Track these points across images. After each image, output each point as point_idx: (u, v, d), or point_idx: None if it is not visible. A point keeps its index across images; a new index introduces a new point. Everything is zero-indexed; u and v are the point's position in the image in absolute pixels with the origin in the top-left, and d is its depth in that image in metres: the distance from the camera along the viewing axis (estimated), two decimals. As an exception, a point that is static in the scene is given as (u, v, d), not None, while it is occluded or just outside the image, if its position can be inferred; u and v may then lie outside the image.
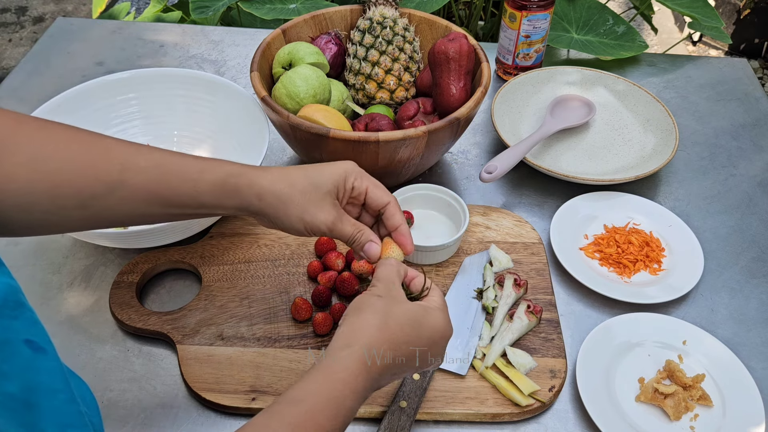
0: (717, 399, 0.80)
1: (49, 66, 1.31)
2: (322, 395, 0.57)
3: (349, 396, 0.58)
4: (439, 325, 0.65)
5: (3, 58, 2.89)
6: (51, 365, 0.50)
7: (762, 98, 1.29)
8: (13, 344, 0.47)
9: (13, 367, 0.46)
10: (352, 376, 0.59)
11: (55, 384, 0.50)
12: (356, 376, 0.59)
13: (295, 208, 0.68)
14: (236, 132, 1.03)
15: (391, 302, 0.64)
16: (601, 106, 1.17)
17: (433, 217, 0.98)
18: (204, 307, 0.87)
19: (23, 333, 0.48)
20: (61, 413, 0.50)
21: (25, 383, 0.47)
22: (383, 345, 0.61)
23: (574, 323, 0.90)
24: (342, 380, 0.58)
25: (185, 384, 0.80)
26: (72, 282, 0.92)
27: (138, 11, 3.04)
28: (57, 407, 0.49)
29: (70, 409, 0.51)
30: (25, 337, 0.48)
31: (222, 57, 1.34)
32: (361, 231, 0.70)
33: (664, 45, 2.91)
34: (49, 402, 0.49)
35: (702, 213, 1.06)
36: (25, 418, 0.46)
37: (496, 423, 0.78)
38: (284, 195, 0.67)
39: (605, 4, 1.43)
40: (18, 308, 0.49)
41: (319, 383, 0.58)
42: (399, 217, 0.72)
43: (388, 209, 0.72)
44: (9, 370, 0.46)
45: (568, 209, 1.02)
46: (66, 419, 0.50)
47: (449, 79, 1.00)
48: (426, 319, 0.65)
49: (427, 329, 0.64)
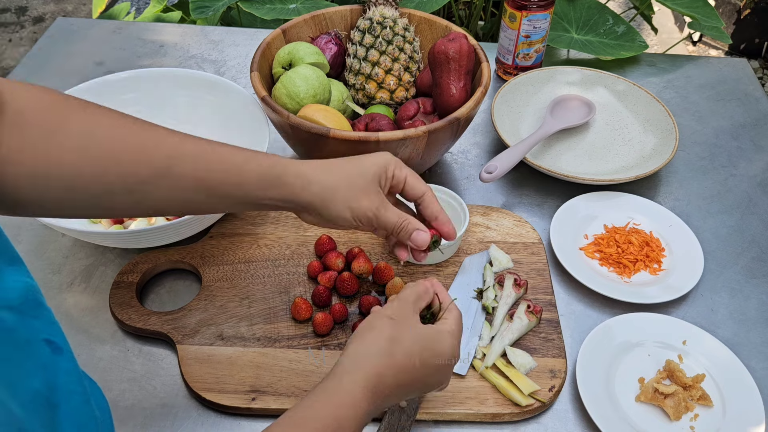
0: (717, 399, 0.80)
1: (49, 66, 1.31)
2: (323, 421, 0.57)
3: (352, 420, 0.58)
4: (446, 351, 0.65)
5: (3, 58, 2.89)
6: (68, 366, 0.50)
7: (762, 98, 1.29)
8: (34, 344, 0.47)
9: (36, 365, 0.46)
10: (355, 401, 0.59)
11: (72, 385, 0.50)
12: (359, 402, 0.59)
13: (342, 195, 0.68)
14: (236, 132, 1.03)
15: (400, 325, 0.64)
16: (601, 106, 1.17)
17: (433, 217, 0.98)
18: (204, 307, 0.87)
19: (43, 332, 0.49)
20: (78, 414, 0.50)
21: (46, 382, 0.47)
22: (388, 372, 0.61)
23: (574, 323, 0.90)
24: (344, 405, 0.58)
25: (185, 384, 0.80)
26: (72, 282, 0.92)
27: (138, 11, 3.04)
28: (74, 408, 0.49)
29: (85, 410, 0.51)
30: (45, 337, 0.48)
31: (222, 57, 1.34)
32: (406, 219, 0.70)
33: (664, 45, 2.91)
34: (67, 402, 0.49)
35: (702, 213, 1.06)
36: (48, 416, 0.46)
37: (496, 423, 0.78)
38: (331, 183, 0.68)
39: (605, 4, 1.43)
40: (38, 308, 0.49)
41: (320, 407, 0.58)
42: (437, 205, 0.73)
43: (426, 198, 0.72)
44: (32, 368, 0.46)
45: (568, 209, 1.01)
46: (82, 420, 0.50)
47: (449, 79, 1.00)
48: (434, 345, 0.65)
49: (434, 356, 0.64)
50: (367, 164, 0.70)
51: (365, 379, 0.60)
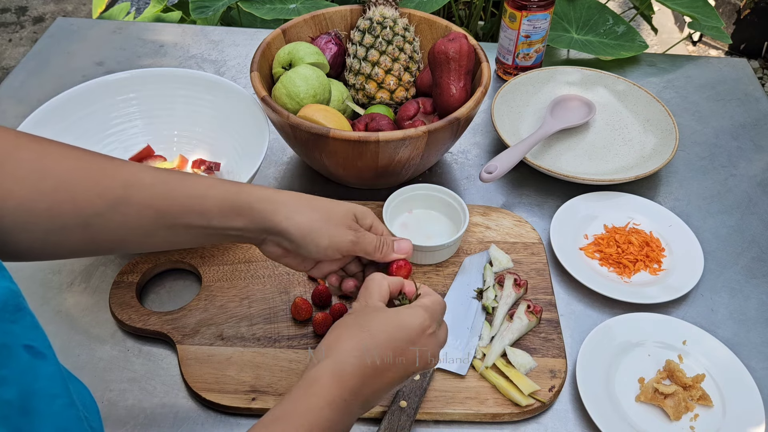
0: (717, 399, 0.80)
1: (49, 66, 1.31)
2: (298, 411, 0.57)
3: (325, 407, 0.58)
4: (414, 322, 0.63)
5: (3, 58, 2.89)
6: (50, 370, 0.50)
7: (762, 98, 1.29)
8: (11, 349, 0.47)
9: (12, 372, 0.46)
10: (324, 387, 0.58)
11: (54, 389, 0.49)
12: (329, 387, 0.59)
13: (321, 227, 0.68)
14: (236, 132, 1.03)
15: (361, 313, 0.64)
16: (601, 106, 1.17)
17: (433, 217, 0.98)
18: (204, 307, 0.87)
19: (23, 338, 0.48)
20: (59, 418, 0.49)
21: (23, 389, 0.46)
22: (353, 352, 0.60)
23: (574, 323, 0.90)
24: (315, 394, 0.58)
25: (185, 384, 0.80)
26: (72, 282, 0.92)
27: (138, 11, 3.04)
28: (56, 412, 0.49)
29: (69, 413, 0.50)
30: (25, 342, 0.48)
31: (222, 57, 1.34)
32: (383, 236, 0.72)
33: (664, 45, 2.91)
34: (47, 407, 0.48)
35: (702, 213, 1.06)
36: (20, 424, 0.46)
37: (496, 423, 0.78)
38: (307, 214, 0.68)
39: (605, 4, 1.43)
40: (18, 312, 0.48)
41: (294, 400, 0.58)
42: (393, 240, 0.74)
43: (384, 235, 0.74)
44: (8, 375, 0.46)
45: (568, 209, 1.01)
46: (64, 423, 0.50)
47: (449, 79, 1.00)
48: (400, 318, 0.63)
49: (400, 328, 0.63)
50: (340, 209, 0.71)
51: (330, 363, 0.60)
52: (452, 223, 0.97)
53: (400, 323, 0.63)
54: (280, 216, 0.67)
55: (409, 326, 0.63)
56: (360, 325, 0.63)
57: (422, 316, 0.64)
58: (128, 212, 0.62)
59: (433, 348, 0.65)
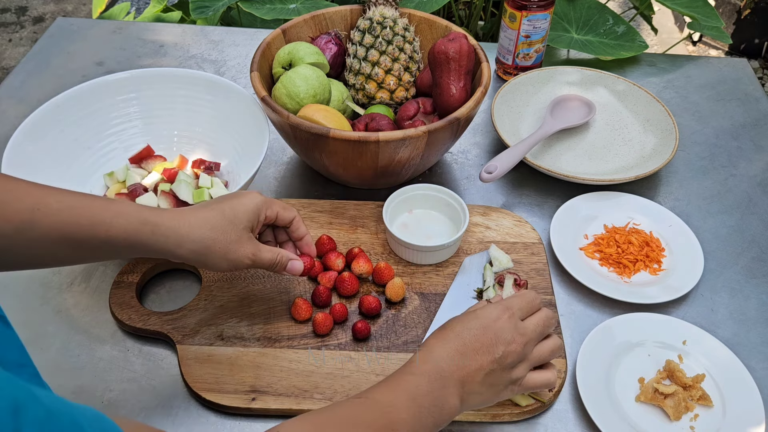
0: (717, 399, 0.80)
1: (49, 66, 1.31)
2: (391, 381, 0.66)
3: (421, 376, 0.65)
4: (486, 314, 0.69)
5: (3, 58, 2.89)
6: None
7: (762, 98, 1.29)
8: None
9: None
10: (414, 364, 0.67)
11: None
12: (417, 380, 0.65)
13: (218, 249, 0.71)
14: (236, 132, 1.03)
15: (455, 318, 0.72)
16: (601, 106, 1.17)
17: (433, 217, 0.98)
18: (204, 307, 0.87)
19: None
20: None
21: None
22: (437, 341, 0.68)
23: (574, 323, 0.90)
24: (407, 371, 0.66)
25: (185, 384, 0.80)
26: (72, 282, 0.92)
27: (138, 11, 3.04)
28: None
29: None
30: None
31: (222, 57, 1.34)
32: (279, 254, 0.76)
33: (664, 45, 2.91)
34: None
35: (702, 213, 1.06)
36: None
37: (496, 423, 0.78)
38: (207, 239, 0.70)
39: (605, 4, 1.43)
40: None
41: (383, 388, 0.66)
42: (303, 228, 0.81)
43: (294, 223, 0.80)
44: None
45: (568, 209, 1.01)
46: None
47: (449, 79, 1.00)
48: (475, 312, 0.71)
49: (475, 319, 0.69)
50: (240, 212, 0.73)
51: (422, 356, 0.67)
52: (452, 223, 0.97)
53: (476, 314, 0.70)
54: (173, 245, 0.69)
55: (482, 315, 0.70)
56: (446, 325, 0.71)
57: (493, 306, 0.71)
58: (34, 236, 0.64)
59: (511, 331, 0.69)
